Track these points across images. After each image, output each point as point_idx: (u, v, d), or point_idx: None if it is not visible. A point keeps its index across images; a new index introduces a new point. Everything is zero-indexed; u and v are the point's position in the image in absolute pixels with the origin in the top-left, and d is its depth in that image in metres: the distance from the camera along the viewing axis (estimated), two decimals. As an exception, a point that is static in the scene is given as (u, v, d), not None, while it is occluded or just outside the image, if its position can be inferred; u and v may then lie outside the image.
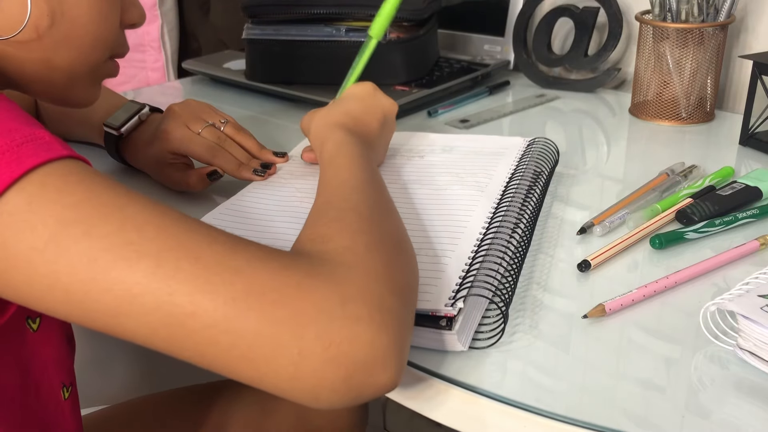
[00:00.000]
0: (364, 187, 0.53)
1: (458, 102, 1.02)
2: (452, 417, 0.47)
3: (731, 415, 0.44)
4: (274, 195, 0.69)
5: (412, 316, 0.45)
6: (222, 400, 0.80)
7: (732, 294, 0.50)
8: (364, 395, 0.39)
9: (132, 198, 0.40)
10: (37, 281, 0.38)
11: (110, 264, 0.37)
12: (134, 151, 0.77)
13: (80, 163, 0.41)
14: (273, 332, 0.38)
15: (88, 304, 0.38)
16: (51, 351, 0.54)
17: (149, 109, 0.78)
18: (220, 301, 0.37)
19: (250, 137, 0.76)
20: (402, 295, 0.43)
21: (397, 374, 0.40)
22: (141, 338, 0.39)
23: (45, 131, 0.41)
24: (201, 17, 1.50)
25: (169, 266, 0.38)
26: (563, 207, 0.71)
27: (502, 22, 1.14)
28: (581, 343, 0.51)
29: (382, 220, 0.50)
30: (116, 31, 0.54)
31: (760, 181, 0.70)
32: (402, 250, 0.48)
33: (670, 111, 0.93)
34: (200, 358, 0.39)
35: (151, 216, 0.39)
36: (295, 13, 1.01)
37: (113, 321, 0.38)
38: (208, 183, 0.73)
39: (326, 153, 0.60)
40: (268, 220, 0.64)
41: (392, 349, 0.39)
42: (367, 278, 0.41)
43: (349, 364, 0.38)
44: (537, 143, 0.77)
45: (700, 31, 0.89)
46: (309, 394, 0.39)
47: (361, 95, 0.70)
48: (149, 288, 0.37)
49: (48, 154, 0.39)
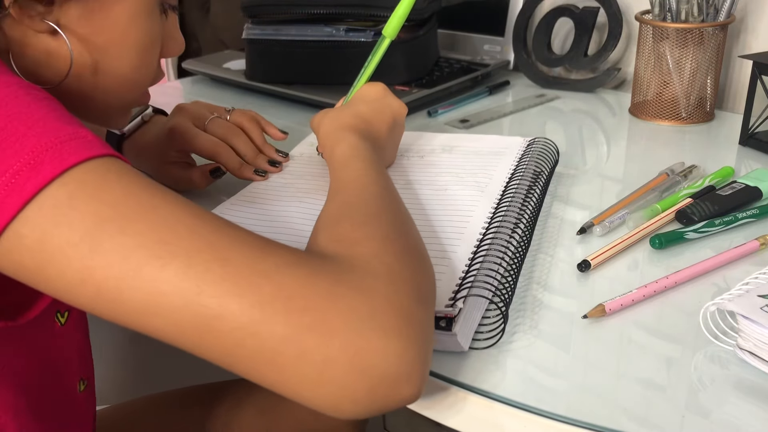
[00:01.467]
0: (384, 194, 0.53)
1: (458, 102, 1.02)
2: (452, 417, 0.47)
3: (731, 415, 0.44)
4: (274, 195, 0.69)
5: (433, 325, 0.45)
6: (224, 402, 0.81)
7: (732, 294, 0.50)
8: (386, 407, 0.39)
9: (166, 198, 0.41)
10: (70, 275, 0.38)
11: (142, 261, 0.38)
12: (136, 151, 0.77)
13: (119, 162, 0.41)
14: (299, 338, 0.37)
15: (118, 300, 0.38)
16: (75, 345, 0.55)
17: (152, 111, 0.78)
18: (247, 304, 0.38)
19: (257, 127, 0.77)
20: (427, 304, 0.43)
21: (420, 387, 0.40)
22: (168, 337, 0.39)
23: (87, 130, 0.42)
24: (201, 17, 1.50)
25: (199, 267, 0.38)
26: (563, 207, 0.71)
27: (502, 22, 1.14)
28: (581, 343, 0.51)
29: (406, 228, 0.50)
30: (154, 71, 0.56)
31: (760, 181, 0.70)
32: (425, 258, 0.48)
33: (670, 111, 0.93)
34: (225, 360, 0.39)
35: (184, 216, 0.40)
36: (295, 13, 1.01)
37: (142, 319, 0.39)
38: (211, 180, 0.73)
39: (339, 155, 0.60)
40: (268, 219, 0.64)
41: (418, 362, 0.39)
42: (396, 288, 0.41)
43: (374, 376, 0.38)
44: (537, 143, 0.77)
45: (700, 31, 0.89)
46: (331, 403, 0.39)
47: (371, 97, 0.70)
48: (178, 287, 0.38)
49: (89, 152, 0.40)
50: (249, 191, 0.70)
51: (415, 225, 0.53)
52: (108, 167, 0.40)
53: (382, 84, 0.72)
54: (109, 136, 0.77)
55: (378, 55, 0.73)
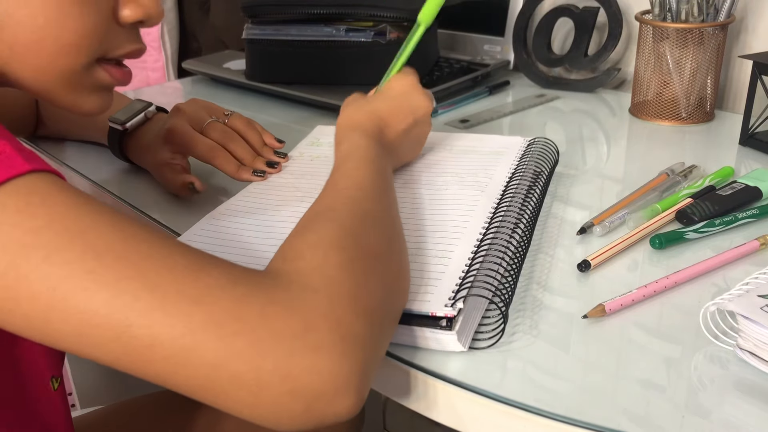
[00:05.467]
0: (359, 195, 0.52)
1: (458, 102, 1.02)
2: (452, 417, 0.47)
3: (731, 415, 0.44)
4: (274, 195, 0.69)
5: (385, 335, 0.44)
6: (207, 405, 0.80)
7: (732, 294, 0.49)
8: (324, 422, 0.39)
9: (96, 219, 0.39)
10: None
11: (69, 293, 0.37)
12: (137, 149, 0.77)
13: (44, 177, 0.39)
14: (230, 365, 0.37)
15: (49, 330, 0.38)
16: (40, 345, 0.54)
17: (155, 109, 0.78)
18: (178, 333, 0.37)
19: (255, 131, 0.76)
20: (372, 316, 0.42)
21: (358, 401, 0.39)
22: (104, 363, 0.39)
23: (6, 143, 0.39)
24: (201, 17, 1.50)
25: (127, 297, 0.37)
26: (563, 207, 0.71)
27: (502, 22, 1.14)
28: (581, 343, 0.51)
29: (364, 232, 0.48)
30: (93, 32, 0.47)
31: (760, 181, 0.70)
32: (383, 266, 0.47)
33: (670, 111, 0.93)
34: (163, 383, 0.39)
35: (113, 241, 0.38)
36: (295, 13, 1.01)
37: (76, 347, 0.38)
38: (189, 193, 0.71)
39: (338, 156, 0.60)
40: (267, 221, 0.64)
41: (353, 376, 0.39)
42: (331, 303, 0.40)
43: (308, 395, 0.38)
44: (537, 143, 0.77)
45: (700, 31, 0.89)
46: (269, 421, 0.39)
47: (396, 93, 0.69)
48: (108, 320, 0.37)
49: (9, 172, 0.37)
50: (248, 191, 0.70)
51: (391, 227, 0.52)
52: (32, 187, 0.38)
53: (413, 76, 0.70)
54: (111, 133, 0.77)
55: (413, 42, 0.71)
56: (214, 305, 0.38)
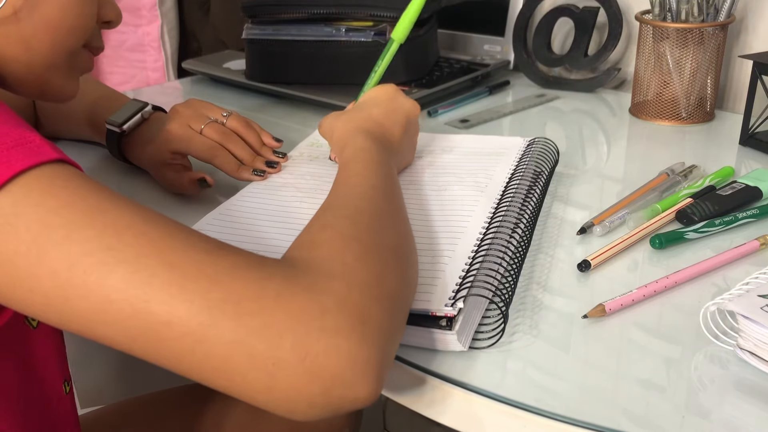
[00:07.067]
0: (371, 194, 0.53)
1: (458, 102, 1.02)
2: (452, 417, 0.47)
3: (731, 415, 0.44)
4: (274, 195, 0.69)
5: (401, 325, 0.44)
6: (216, 401, 0.80)
7: (732, 294, 0.49)
8: (343, 408, 0.39)
9: (115, 202, 0.40)
10: (18, 284, 0.38)
11: (89, 269, 0.37)
12: (135, 149, 0.77)
13: (68, 167, 0.41)
14: (247, 342, 0.37)
15: (67, 308, 0.38)
16: (51, 347, 0.55)
17: (152, 108, 0.78)
18: (195, 309, 0.37)
19: (253, 131, 0.76)
20: (389, 304, 0.42)
21: (377, 387, 0.39)
22: (119, 345, 0.39)
23: (36, 134, 0.41)
24: (201, 17, 1.50)
25: (146, 273, 0.37)
26: (563, 207, 0.71)
27: (502, 22, 1.14)
28: (581, 343, 0.51)
29: (380, 227, 0.49)
30: (92, 22, 0.54)
31: (760, 181, 0.70)
32: (398, 259, 0.47)
33: (670, 111, 0.93)
34: (178, 367, 0.39)
35: (132, 221, 0.39)
36: (295, 13, 1.01)
37: (92, 326, 0.39)
38: (198, 188, 0.72)
39: (344, 158, 0.60)
40: (267, 220, 0.64)
41: (372, 361, 0.38)
42: (350, 288, 0.40)
43: (326, 377, 0.37)
44: (537, 143, 0.77)
45: (700, 31, 0.89)
46: (285, 406, 0.38)
47: (382, 99, 0.70)
48: (126, 295, 0.37)
49: (37, 158, 0.39)
50: (248, 192, 0.70)
51: (403, 224, 0.53)
52: (56, 173, 0.40)
53: (393, 85, 0.72)
54: (109, 134, 0.77)
55: (387, 59, 0.73)
56: (232, 284, 0.38)
